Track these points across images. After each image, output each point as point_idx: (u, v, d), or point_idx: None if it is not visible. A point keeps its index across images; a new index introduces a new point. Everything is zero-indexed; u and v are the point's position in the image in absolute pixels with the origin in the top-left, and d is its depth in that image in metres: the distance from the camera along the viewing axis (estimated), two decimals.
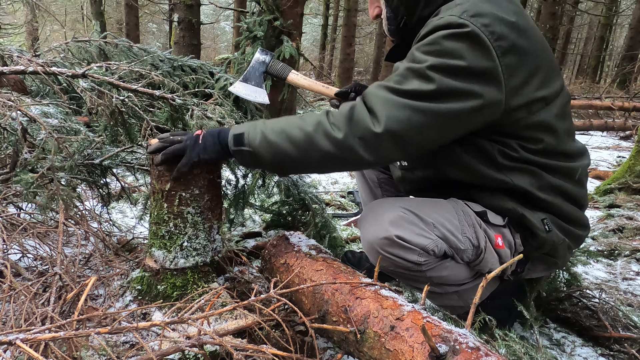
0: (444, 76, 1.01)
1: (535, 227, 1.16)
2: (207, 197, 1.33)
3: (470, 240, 1.15)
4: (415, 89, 1.03)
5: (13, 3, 12.20)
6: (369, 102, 1.07)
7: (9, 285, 1.17)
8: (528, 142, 1.12)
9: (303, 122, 1.12)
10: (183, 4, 6.21)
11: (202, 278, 1.39)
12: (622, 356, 1.30)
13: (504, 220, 1.19)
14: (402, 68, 1.08)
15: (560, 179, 1.17)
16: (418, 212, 1.13)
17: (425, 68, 1.02)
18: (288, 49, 4.32)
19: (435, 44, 1.02)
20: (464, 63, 1.00)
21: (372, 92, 1.09)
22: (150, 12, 15.08)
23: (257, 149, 1.14)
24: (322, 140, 1.08)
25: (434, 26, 1.04)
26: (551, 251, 1.21)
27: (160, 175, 1.28)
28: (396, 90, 1.05)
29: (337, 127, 1.08)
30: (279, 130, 1.13)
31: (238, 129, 1.18)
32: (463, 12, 1.01)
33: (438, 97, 1.02)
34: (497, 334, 1.13)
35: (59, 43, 2.25)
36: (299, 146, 1.11)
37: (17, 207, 1.75)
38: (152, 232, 1.36)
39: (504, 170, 1.15)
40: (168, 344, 0.97)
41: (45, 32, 17.37)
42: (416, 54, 1.06)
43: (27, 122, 1.63)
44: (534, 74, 1.07)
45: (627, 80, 10.96)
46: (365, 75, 15.81)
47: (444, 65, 1.01)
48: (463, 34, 1.00)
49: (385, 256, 1.13)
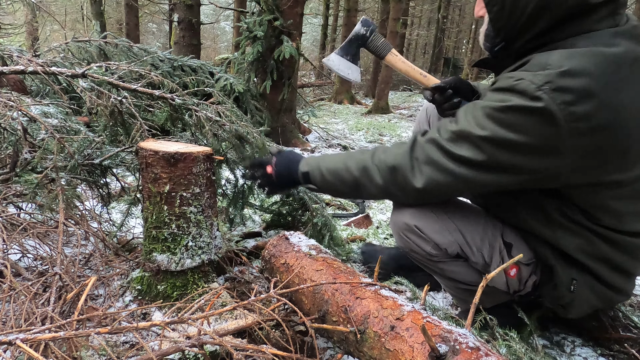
0: (497, 150, 0.96)
1: (561, 284, 1.11)
2: (207, 194, 1.33)
3: (484, 258, 1.19)
4: (464, 157, 1.00)
5: (13, 3, 12.20)
6: (415, 153, 1.09)
7: (9, 285, 1.17)
8: (587, 213, 1.04)
9: (352, 164, 1.19)
10: (183, 4, 6.22)
11: (202, 278, 1.39)
12: (622, 356, 1.30)
13: (529, 260, 1.16)
14: (461, 127, 1.01)
15: (615, 251, 1.07)
16: (445, 214, 1.20)
17: (481, 139, 0.97)
18: (288, 49, 4.33)
19: (501, 112, 0.94)
20: (524, 139, 0.92)
21: (423, 145, 1.08)
22: (150, 12, 15.08)
23: (321, 188, 1.30)
24: (367, 184, 1.17)
25: (510, 86, 0.94)
26: (567, 305, 1.16)
27: (157, 178, 1.26)
28: (446, 152, 1.03)
29: (380, 174, 1.14)
30: (333, 172, 1.23)
31: (304, 166, 1.31)
32: (546, 83, 0.88)
33: (484, 168, 1.00)
34: (498, 333, 1.13)
35: (59, 43, 2.25)
36: (351, 187, 1.21)
37: (17, 207, 1.75)
38: (150, 237, 1.33)
39: (554, 226, 1.08)
40: (168, 344, 0.97)
41: (45, 32, 17.37)
42: (481, 115, 0.98)
43: (27, 122, 1.63)
44: (613, 157, 0.95)
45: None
46: (365, 75, 15.79)
47: (502, 139, 0.94)
48: (534, 110, 0.90)
49: (404, 239, 1.25)
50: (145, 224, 1.36)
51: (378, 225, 2.44)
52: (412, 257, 1.30)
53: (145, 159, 1.28)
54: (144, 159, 1.28)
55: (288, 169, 1.34)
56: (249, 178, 1.42)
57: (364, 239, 2.17)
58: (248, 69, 4.52)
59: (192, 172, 1.28)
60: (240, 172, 1.89)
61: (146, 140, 1.42)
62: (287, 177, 1.34)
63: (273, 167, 1.35)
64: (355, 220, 2.43)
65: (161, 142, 1.41)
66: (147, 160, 1.27)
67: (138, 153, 1.32)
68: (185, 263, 1.33)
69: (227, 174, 1.91)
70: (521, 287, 1.20)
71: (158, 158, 1.26)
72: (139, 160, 1.32)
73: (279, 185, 1.38)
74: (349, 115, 8.95)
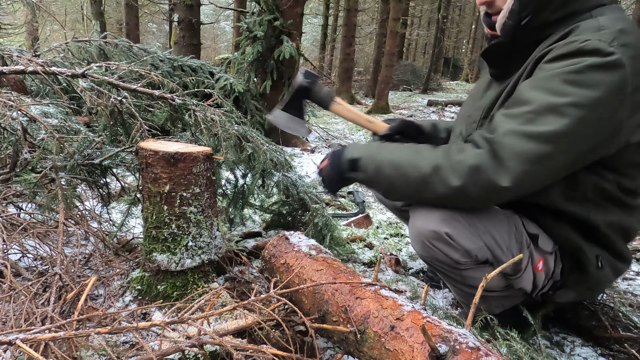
0: (584, 111, 0.95)
1: (589, 262, 1.14)
2: (207, 194, 1.33)
3: (513, 256, 1.13)
4: (551, 131, 0.96)
5: (13, 3, 12.20)
6: (498, 153, 1.00)
7: (9, 285, 1.17)
8: (624, 178, 1.08)
9: (420, 161, 1.09)
10: (183, 4, 6.22)
11: (202, 278, 1.39)
12: (622, 356, 1.30)
13: (553, 248, 1.18)
14: (538, 103, 0.99)
15: (629, 217, 1.14)
16: (472, 216, 1.12)
17: (566, 105, 0.96)
18: (288, 49, 4.33)
19: (581, 74, 0.95)
20: (606, 94, 0.94)
21: (500, 140, 1.01)
22: (150, 12, 15.08)
23: (371, 179, 1.17)
24: (438, 184, 1.06)
25: (577, 49, 0.96)
26: (593, 285, 1.20)
27: (157, 178, 1.26)
28: (529, 136, 0.98)
29: (458, 174, 1.03)
30: (395, 165, 1.12)
31: (353, 153, 1.19)
32: (614, 40, 0.94)
33: (571, 138, 0.97)
34: (499, 333, 1.13)
35: (59, 43, 2.25)
36: (413, 186, 1.11)
37: (17, 207, 1.75)
38: (150, 237, 1.33)
39: (587, 204, 1.11)
40: (168, 344, 0.97)
41: (45, 32, 17.37)
42: (557, 82, 0.97)
43: (27, 122, 1.63)
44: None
45: None
46: (365, 75, 15.79)
47: (587, 99, 0.95)
48: (610, 64, 0.93)
49: (429, 247, 1.14)
50: (145, 224, 1.35)
51: (378, 225, 2.44)
52: (433, 265, 1.21)
53: (145, 159, 1.27)
54: (144, 159, 1.28)
55: (336, 160, 1.23)
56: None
57: (364, 238, 2.17)
58: (248, 69, 4.52)
59: (192, 172, 1.28)
60: (240, 172, 1.89)
61: (146, 140, 1.41)
62: (334, 170, 1.23)
63: (328, 159, 1.26)
64: (355, 220, 2.43)
65: (161, 142, 1.41)
66: (147, 160, 1.27)
67: (138, 153, 1.32)
68: (185, 263, 1.33)
69: (227, 174, 1.91)
70: (546, 281, 1.19)
71: (158, 158, 1.26)
72: (139, 160, 1.31)
73: (329, 179, 1.25)
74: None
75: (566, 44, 0.99)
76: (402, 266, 1.90)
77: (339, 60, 11.93)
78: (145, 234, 1.36)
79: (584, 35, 0.97)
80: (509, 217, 1.17)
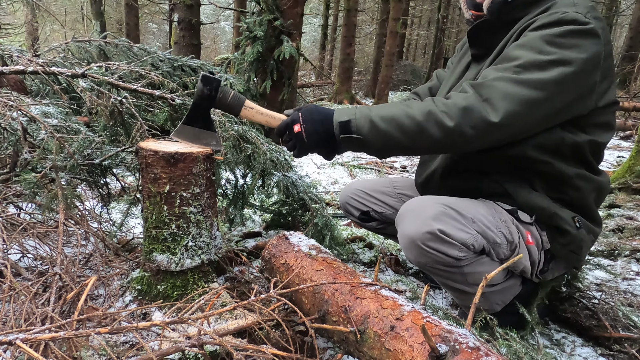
0: (564, 68, 1.06)
1: (566, 224, 1.22)
2: (207, 194, 1.33)
3: (505, 236, 1.20)
4: (538, 79, 1.07)
5: (13, 3, 12.20)
6: (485, 94, 1.09)
7: (9, 285, 1.17)
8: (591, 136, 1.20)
9: (412, 110, 1.13)
10: (183, 4, 6.22)
11: (202, 278, 1.39)
12: (622, 356, 1.30)
13: (531, 218, 1.24)
14: (525, 59, 1.09)
15: (596, 176, 1.25)
16: (457, 208, 1.17)
17: (549, 62, 1.07)
18: (288, 49, 4.33)
19: (562, 37, 1.08)
20: (583, 56, 1.07)
21: (490, 84, 1.10)
22: (150, 12, 15.08)
23: (366, 137, 1.16)
24: (433, 129, 1.11)
25: (558, 19, 1.10)
26: (577, 248, 1.26)
27: (157, 178, 1.26)
28: (518, 82, 1.08)
29: (449, 115, 1.09)
30: (388, 119, 1.14)
31: (341, 116, 1.18)
32: (588, 12, 1.09)
33: (554, 87, 1.07)
34: (498, 332, 1.13)
35: (59, 43, 2.25)
36: (410, 135, 1.13)
37: (17, 207, 1.75)
38: (150, 237, 1.33)
39: (560, 156, 1.20)
40: (168, 344, 0.97)
41: (45, 32, 17.37)
42: (541, 43, 1.09)
43: (27, 122, 1.63)
44: (611, 81, 1.16)
45: (627, 80, 10.96)
46: (365, 75, 15.78)
47: (567, 58, 1.06)
48: (588, 31, 1.07)
49: (426, 251, 1.15)
50: (145, 224, 1.35)
51: None
52: (433, 271, 1.22)
53: (145, 159, 1.27)
54: (143, 159, 1.28)
55: (321, 123, 1.20)
56: (283, 144, 1.26)
57: (364, 238, 2.17)
58: (248, 69, 4.52)
59: (192, 172, 1.28)
60: (240, 172, 1.89)
61: (146, 140, 1.41)
62: (320, 133, 1.19)
63: (300, 124, 1.20)
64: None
65: (161, 142, 1.41)
66: (147, 161, 1.27)
67: (138, 153, 1.31)
68: (185, 263, 1.33)
69: (227, 174, 1.91)
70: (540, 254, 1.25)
71: (158, 158, 1.25)
72: (139, 160, 1.31)
73: (312, 144, 1.20)
74: None
75: (548, 15, 1.12)
76: (402, 266, 1.90)
77: (339, 60, 11.93)
78: (145, 234, 1.35)
79: (562, 9, 1.12)
80: (485, 202, 1.25)
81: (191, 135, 1.29)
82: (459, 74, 1.40)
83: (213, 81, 1.23)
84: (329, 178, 3.70)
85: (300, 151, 1.23)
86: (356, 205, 1.67)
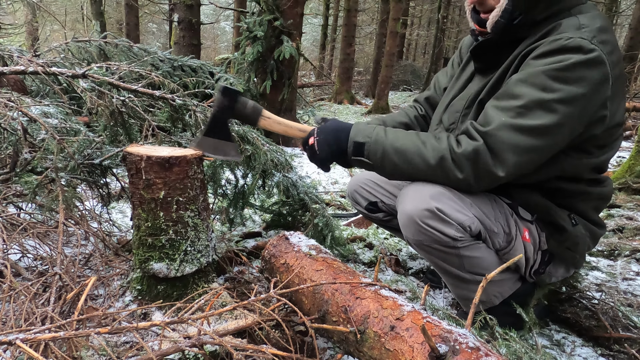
0: (571, 106, 1.04)
1: (562, 220, 1.23)
2: (202, 197, 1.32)
3: (502, 226, 1.22)
4: (543, 125, 1.05)
5: (13, 3, 12.20)
6: (494, 146, 1.08)
7: (9, 285, 1.17)
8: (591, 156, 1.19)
9: (426, 151, 1.15)
10: (183, 4, 6.22)
11: (202, 278, 1.39)
12: (622, 356, 1.30)
13: (532, 217, 1.25)
14: (528, 98, 1.06)
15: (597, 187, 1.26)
16: (457, 192, 1.19)
17: (555, 101, 1.04)
18: (288, 49, 4.33)
19: (567, 71, 1.04)
20: (591, 89, 1.04)
21: (495, 133, 1.09)
22: (150, 12, 15.08)
23: (376, 164, 1.20)
24: (441, 176, 1.15)
25: (562, 46, 1.05)
26: (573, 246, 1.27)
27: (151, 184, 1.21)
28: (522, 129, 1.06)
29: (460, 168, 1.12)
30: (401, 152, 1.17)
31: (357, 136, 1.21)
32: (593, 37, 1.04)
33: (560, 129, 1.06)
34: (498, 332, 1.13)
35: (59, 43, 2.25)
36: (418, 173, 1.17)
37: (17, 207, 1.75)
38: (146, 245, 1.28)
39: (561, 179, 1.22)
40: (168, 344, 0.97)
41: (45, 32, 17.37)
42: (544, 79, 1.06)
43: (27, 122, 1.63)
44: (621, 101, 1.14)
45: (627, 80, 10.97)
46: (365, 75, 15.78)
47: (574, 95, 1.03)
48: (593, 61, 1.03)
49: (423, 228, 1.17)
50: (137, 232, 1.29)
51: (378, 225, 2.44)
52: (430, 252, 1.23)
53: (136, 164, 1.21)
54: (133, 164, 1.21)
55: (335, 138, 1.22)
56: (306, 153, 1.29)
57: (364, 238, 2.17)
58: (248, 69, 4.52)
59: (188, 176, 1.25)
60: (240, 172, 1.89)
61: (131, 145, 1.34)
62: (332, 147, 1.22)
63: (315, 136, 1.24)
64: (355, 220, 2.43)
65: (145, 146, 1.36)
66: (138, 166, 1.21)
67: (126, 159, 1.24)
68: (186, 269, 1.31)
69: (227, 174, 1.91)
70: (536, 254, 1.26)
71: (151, 163, 1.20)
72: (128, 166, 1.24)
73: (323, 158, 1.23)
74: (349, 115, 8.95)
75: (551, 42, 1.08)
76: (402, 266, 1.90)
77: (339, 60, 11.93)
78: (139, 242, 1.30)
79: (566, 34, 1.07)
80: (486, 194, 1.26)
81: (211, 146, 1.30)
82: (462, 84, 1.39)
83: (232, 92, 1.26)
84: (329, 178, 3.70)
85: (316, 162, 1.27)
86: (365, 195, 1.67)
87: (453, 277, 1.28)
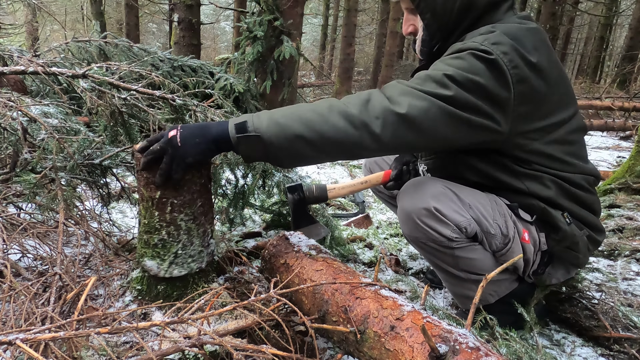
0: (461, 88, 1.07)
1: (557, 220, 1.24)
2: (200, 202, 1.28)
3: (500, 228, 1.22)
4: (434, 91, 1.08)
5: (13, 3, 12.20)
6: (387, 92, 1.11)
7: (9, 285, 1.17)
8: (524, 162, 1.23)
9: (314, 106, 1.11)
10: (183, 4, 6.22)
11: (202, 278, 1.39)
12: (622, 356, 1.30)
13: (532, 217, 1.26)
14: (422, 74, 1.13)
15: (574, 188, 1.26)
16: (457, 192, 1.21)
17: (443, 75, 1.08)
18: (288, 49, 4.33)
19: (458, 58, 1.10)
20: (481, 81, 1.07)
21: (391, 85, 1.14)
22: (150, 12, 15.08)
23: (265, 134, 1.06)
24: (336, 118, 1.06)
25: (457, 48, 1.13)
26: (573, 245, 1.27)
27: (149, 182, 1.21)
28: (416, 87, 1.10)
29: (353, 106, 1.08)
30: (289, 114, 1.09)
31: (237, 119, 1.11)
32: (485, 40, 1.10)
33: (454, 104, 1.08)
34: (498, 332, 1.13)
35: (59, 43, 2.25)
36: (312, 126, 1.06)
37: (17, 207, 1.75)
38: (143, 241, 1.30)
39: (520, 177, 1.24)
40: (168, 344, 0.97)
41: (45, 32, 17.37)
42: (438, 63, 1.13)
43: (27, 122, 1.63)
44: (540, 106, 1.15)
45: (627, 80, 10.97)
46: (365, 75, 15.77)
47: (463, 77, 1.07)
48: (484, 58, 1.07)
49: (420, 226, 1.20)
50: (139, 227, 1.33)
51: (378, 225, 2.44)
52: (426, 249, 1.25)
53: (139, 160, 1.22)
54: (138, 160, 1.23)
55: (201, 127, 1.11)
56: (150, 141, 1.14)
57: (364, 238, 2.17)
58: (248, 69, 4.52)
59: (183, 178, 1.23)
60: (240, 172, 1.89)
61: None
62: (199, 137, 1.09)
63: (178, 129, 1.10)
64: (355, 220, 2.43)
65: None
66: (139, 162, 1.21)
67: (134, 155, 1.29)
68: (174, 272, 1.30)
69: (227, 174, 1.91)
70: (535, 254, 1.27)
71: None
72: (135, 162, 1.26)
73: (185, 152, 1.09)
74: None
75: (452, 48, 1.17)
76: (402, 266, 1.90)
77: (339, 60, 11.92)
78: (139, 237, 1.33)
79: (463, 42, 1.16)
80: (487, 194, 1.27)
81: (307, 234, 1.46)
82: None
83: (297, 187, 1.49)
84: (329, 178, 3.70)
85: (172, 162, 1.11)
86: (381, 165, 1.73)
87: (447, 274, 1.30)
